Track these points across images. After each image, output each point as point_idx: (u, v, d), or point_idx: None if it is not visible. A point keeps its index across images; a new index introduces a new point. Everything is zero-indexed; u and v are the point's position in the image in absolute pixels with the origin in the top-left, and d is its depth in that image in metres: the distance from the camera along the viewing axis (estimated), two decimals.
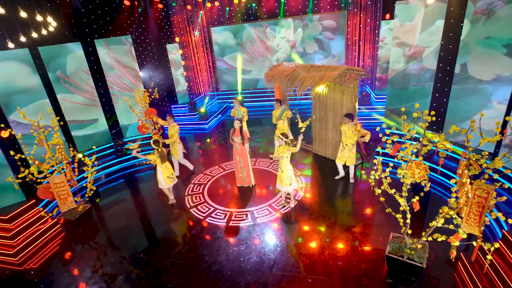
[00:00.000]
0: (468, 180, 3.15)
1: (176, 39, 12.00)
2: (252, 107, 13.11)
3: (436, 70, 6.74)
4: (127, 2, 9.60)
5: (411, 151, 3.41)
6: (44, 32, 7.11)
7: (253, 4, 12.25)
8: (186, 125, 11.74)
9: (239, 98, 13.19)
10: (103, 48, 8.64)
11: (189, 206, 6.20)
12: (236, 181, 6.77)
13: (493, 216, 3.15)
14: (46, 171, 5.50)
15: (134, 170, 8.38)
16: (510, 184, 3.97)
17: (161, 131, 8.81)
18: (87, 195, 5.86)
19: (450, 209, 3.27)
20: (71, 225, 5.79)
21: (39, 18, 6.68)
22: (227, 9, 12.51)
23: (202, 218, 5.78)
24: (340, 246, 4.70)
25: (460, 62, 6.17)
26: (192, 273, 4.52)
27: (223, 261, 4.65)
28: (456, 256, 3.41)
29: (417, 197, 3.63)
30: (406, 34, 6.83)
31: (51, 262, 5.14)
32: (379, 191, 3.80)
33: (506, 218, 3.11)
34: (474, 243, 3.27)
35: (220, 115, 12.64)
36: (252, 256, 4.69)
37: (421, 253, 3.88)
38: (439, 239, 3.39)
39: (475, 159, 3.02)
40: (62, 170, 5.81)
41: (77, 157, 5.80)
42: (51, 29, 7.08)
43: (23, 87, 7.05)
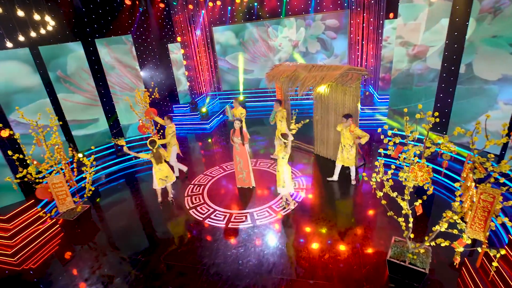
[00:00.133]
0: (473, 183, 3.04)
1: (178, 38, 11.96)
2: (254, 107, 13.03)
3: (440, 70, 6.61)
4: (128, 2, 9.56)
5: (413, 153, 3.30)
6: (44, 32, 7.08)
7: (255, 3, 12.16)
8: (187, 125, 11.69)
9: (241, 98, 13.12)
10: (104, 48, 8.61)
11: (188, 207, 6.14)
12: (236, 182, 6.70)
13: (499, 221, 3.03)
14: (44, 171, 5.47)
15: (134, 170, 8.34)
16: None
17: (161, 131, 8.75)
18: (85, 195, 5.82)
19: (454, 213, 3.16)
20: (69, 226, 5.76)
21: (39, 17, 6.64)
22: (229, 8, 12.44)
23: (202, 219, 5.72)
24: (340, 249, 4.60)
25: (465, 61, 6.04)
26: (190, 275, 4.45)
27: (221, 264, 4.58)
28: (460, 261, 3.29)
29: (419, 201, 3.52)
30: (409, 33, 6.70)
31: (49, 262, 5.10)
32: (381, 194, 3.70)
33: None
34: (479, 249, 3.16)
35: (222, 115, 12.57)
36: (251, 259, 4.61)
37: (423, 258, 3.77)
38: (442, 244, 3.28)
39: (480, 162, 2.91)
40: (62, 170, 5.78)
41: (76, 157, 5.77)
42: (51, 28, 7.05)
43: (23, 87, 7.03)
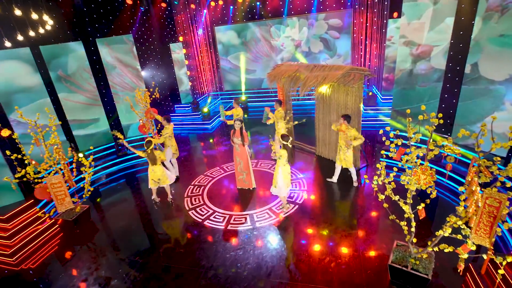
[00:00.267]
0: (478, 188, 2.93)
1: (180, 38, 11.90)
2: (256, 107, 12.93)
3: (445, 70, 6.48)
4: (129, 1, 9.53)
5: (416, 155, 3.20)
6: (45, 31, 7.07)
7: (257, 3, 12.08)
8: (188, 125, 11.64)
9: (243, 98, 13.04)
10: (105, 47, 8.58)
11: (188, 208, 6.08)
12: (236, 183, 6.62)
13: (506, 226, 2.92)
14: (43, 171, 5.44)
15: (135, 170, 8.30)
16: None
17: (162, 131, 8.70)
18: (84, 196, 5.78)
19: (458, 218, 3.05)
20: (68, 226, 5.73)
21: (40, 17, 6.63)
22: (231, 7, 12.37)
23: (201, 220, 5.65)
24: (341, 253, 4.50)
25: (471, 61, 5.90)
26: (187, 277, 4.39)
27: (219, 266, 4.51)
28: (464, 267, 3.18)
29: (422, 204, 3.42)
30: (413, 32, 6.58)
31: (48, 263, 5.06)
32: (383, 197, 3.60)
33: None
34: (484, 255, 3.04)
35: (227, 116, 12.48)
36: (249, 262, 4.53)
37: (426, 263, 3.66)
38: (446, 250, 3.17)
39: (486, 166, 2.79)
40: (61, 170, 5.75)
41: (76, 157, 5.73)
42: (52, 28, 7.03)
43: (24, 86, 7.03)
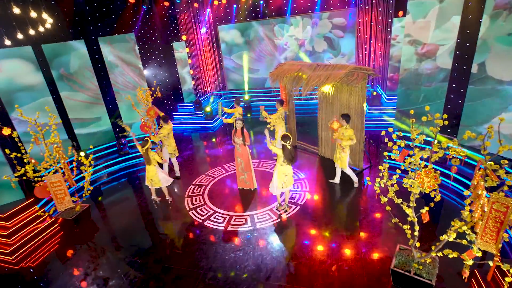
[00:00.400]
0: (484, 192, 2.82)
1: (183, 37, 11.86)
2: (259, 107, 12.82)
3: (451, 69, 6.34)
4: (131, 0, 9.50)
5: (419, 158, 3.09)
6: (47, 30, 7.06)
7: (260, 1, 11.98)
8: (191, 124, 11.60)
9: (246, 97, 12.96)
10: (107, 46, 8.57)
11: (188, 208, 6.03)
12: (237, 183, 6.56)
13: None
14: (43, 170, 5.42)
15: (136, 169, 8.28)
16: None
17: None
18: (84, 195, 5.76)
19: (463, 223, 2.95)
20: (68, 225, 5.72)
21: (42, 16, 6.62)
22: (234, 6, 12.29)
23: (201, 221, 5.60)
24: (342, 256, 4.41)
25: (478, 61, 5.75)
26: (186, 279, 4.34)
27: (218, 268, 4.44)
28: (470, 269, 3.06)
29: (426, 208, 3.31)
30: (418, 31, 6.44)
31: (47, 261, 5.05)
32: (385, 200, 3.51)
33: None
34: (491, 262, 2.93)
35: (226, 115, 12.43)
36: (249, 264, 4.46)
37: (430, 268, 3.55)
38: (450, 256, 3.06)
39: (492, 169, 2.68)
40: (61, 169, 5.73)
41: (76, 156, 5.70)
42: (53, 27, 7.02)
43: (26, 85, 7.04)
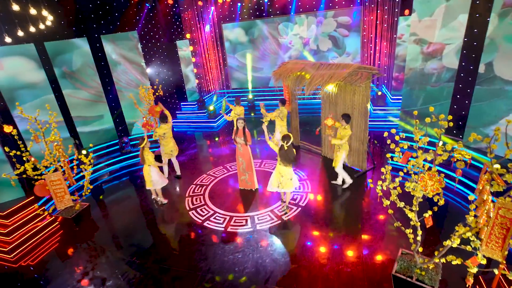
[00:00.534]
0: (490, 197, 2.70)
1: (187, 35, 11.82)
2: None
3: (457, 69, 6.19)
4: None
5: (422, 161, 2.99)
6: (50, 28, 7.05)
7: (265, 0, 11.89)
8: (194, 123, 11.56)
9: (250, 96, 12.88)
10: (110, 44, 8.55)
11: (188, 208, 5.98)
12: (238, 183, 6.49)
13: None
14: (43, 169, 5.41)
15: (138, 168, 8.26)
16: None
17: None
18: (84, 193, 5.74)
19: (467, 228, 2.84)
20: (68, 224, 5.70)
21: (44, 13, 6.60)
22: (238, 5, 12.21)
23: (201, 221, 5.54)
24: (343, 260, 4.32)
25: (485, 60, 5.60)
26: (184, 280, 4.29)
27: (217, 270, 4.38)
28: (474, 276, 2.95)
29: (430, 212, 3.21)
30: (424, 30, 6.30)
31: (46, 260, 5.04)
32: (388, 203, 3.41)
33: None
34: (496, 270, 2.82)
35: (227, 111, 12.39)
36: (248, 266, 4.40)
37: (433, 274, 3.45)
38: (454, 262, 2.96)
39: (499, 173, 2.57)
40: (61, 168, 5.71)
41: (76, 154, 5.69)
42: (56, 24, 7.01)
43: (28, 82, 7.04)
